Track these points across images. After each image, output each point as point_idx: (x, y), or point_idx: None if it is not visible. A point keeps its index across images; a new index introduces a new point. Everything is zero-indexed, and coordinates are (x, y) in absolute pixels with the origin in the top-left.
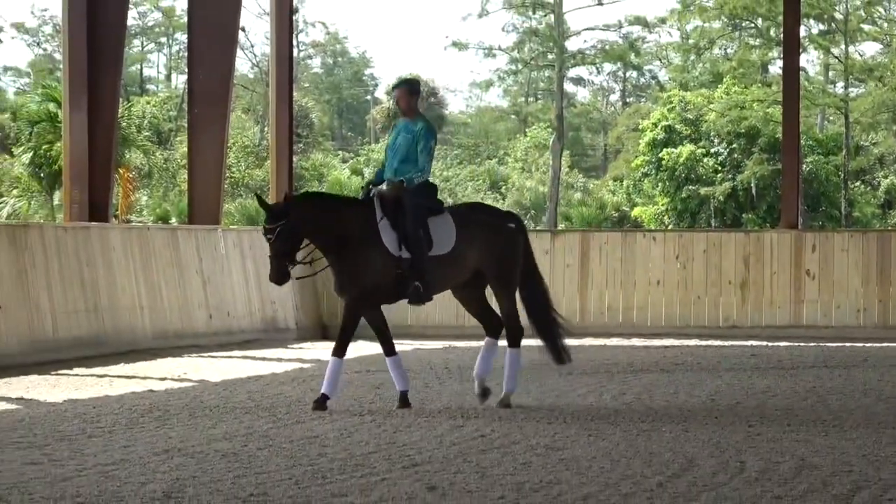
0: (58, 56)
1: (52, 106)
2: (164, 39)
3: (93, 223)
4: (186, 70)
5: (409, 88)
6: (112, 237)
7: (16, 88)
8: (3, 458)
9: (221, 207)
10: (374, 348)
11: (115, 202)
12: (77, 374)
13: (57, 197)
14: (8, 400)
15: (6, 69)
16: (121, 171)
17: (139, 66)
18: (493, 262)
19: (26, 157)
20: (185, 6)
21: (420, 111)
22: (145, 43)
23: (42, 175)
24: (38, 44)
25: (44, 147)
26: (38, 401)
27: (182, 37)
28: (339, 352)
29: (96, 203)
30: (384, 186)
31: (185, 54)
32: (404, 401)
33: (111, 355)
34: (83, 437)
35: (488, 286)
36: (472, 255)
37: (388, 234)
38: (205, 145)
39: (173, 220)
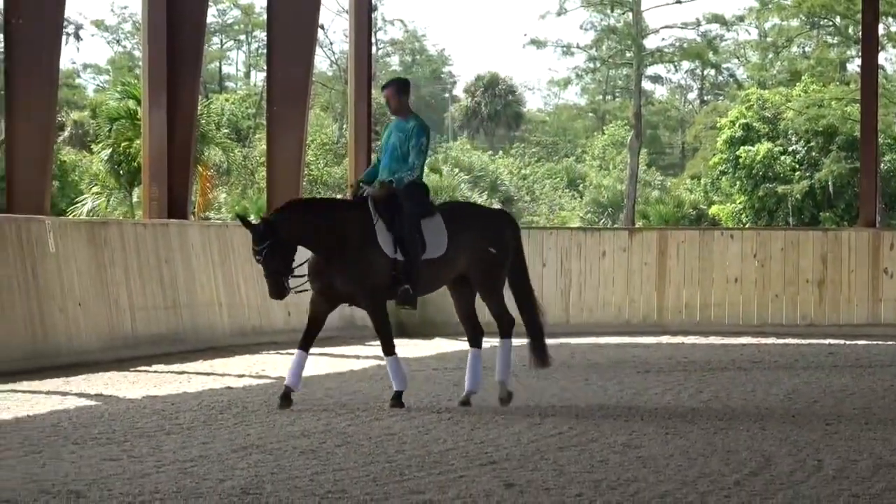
0: (137, 53)
1: (131, 103)
2: (243, 37)
3: (172, 220)
4: (265, 68)
5: (398, 87)
6: (191, 234)
7: (95, 86)
8: (82, 454)
9: None
10: (452, 345)
11: (193, 199)
12: (156, 371)
13: (136, 194)
14: (87, 396)
15: (86, 66)
16: (199, 168)
17: (218, 64)
18: (480, 268)
19: (105, 154)
20: (265, 4)
21: (412, 109)
22: (224, 40)
23: (121, 172)
24: (117, 41)
25: (123, 144)
26: (116, 397)
27: (261, 34)
28: (391, 349)
29: (175, 200)
30: (374, 186)
31: (265, 52)
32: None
33: (190, 352)
34: (162, 433)
35: None
36: (461, 259)
37: (384, 236)
38: (283, 143)
39: (252, 217)
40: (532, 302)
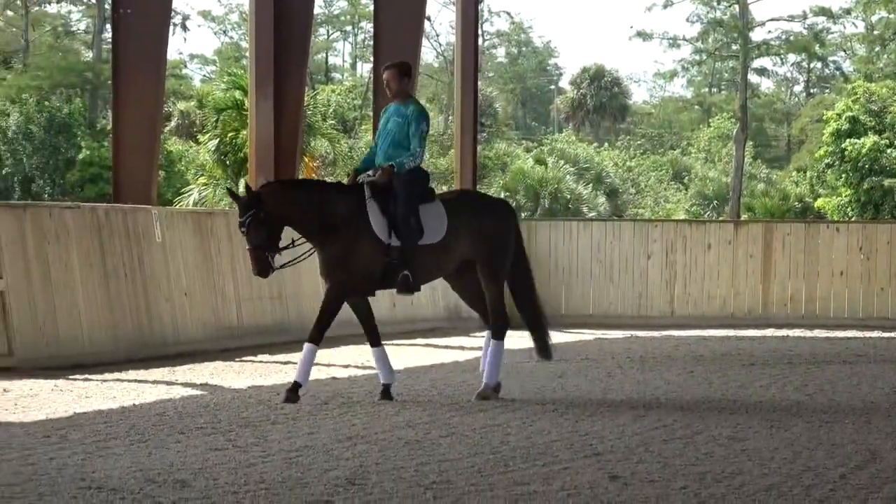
0: (244, 44)
1: (238, 94)
2: (349, 28)
3: None
4: (372, 59)
5: (400, 70)
6: None
7: (202, 76)
8: (188, 443)
9: None
10: (556, 338)
11: None
12: (261, 361)
13: (242, 184)
14: (192, 386)
15: (193, 57)
16: (306, 158)
17: (324, 55)
18: (482, 253)
19: (212, 145)
20: None
21: (411, 94)
22: (331, 31)
23: (227, 163)
24: (224, 32)
25: (229, 135)
26: (222, 387)
27: (368, 26)
28: (317, 338)
29: None
30: (371, 173)
31: (371, 43)
32: (386, 393)
33: (294, 342)
34: (267, 423)
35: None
36: (462, 245)
37: (378, 219)
38: None
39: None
40: (533, 294)
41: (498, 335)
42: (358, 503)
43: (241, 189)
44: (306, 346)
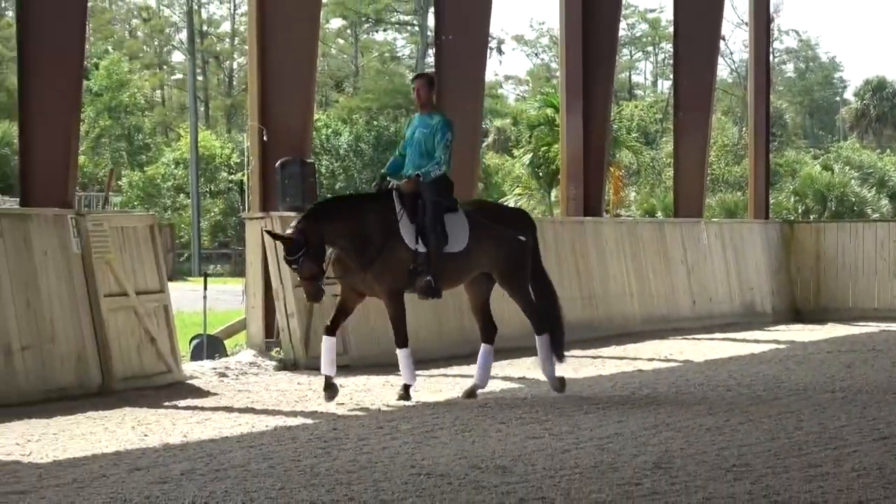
0: (554, 65)
1: (549, 111)
2: (650, 48)
3: (587, 217)
4: (672, 77)
5: (428, 81)
6: (605, 230)
7: (516, 95)
8: (508, 432)
9: (703, 202)
10: (845, 330)
11: (606, 198)
12: (573, 356)
13: (554, 194)
14: (511, 380)
15: (507, 78)
16: (612, 169)
17: (628, 73)
18: (502, 263)
19: (526, 158)
20: (671, 18)
21: (435, 104)
22: (633, 52)
23: (540, 174)
24: (535, 54)
25: (542, 149)
26: (538, 380)
27: (667, 46)
28: (404, 342)
29: (590, 199)
30: (400, 181)
31: (671, 62)
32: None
33: (603, 338)
34: (580, 413)
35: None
36: (482, 255)
37: (407, 227)
38: (688, 146)
39: (659, 213)
40: (553, 299)
41: (542, 329)
42: (664, 485)
43: (289, 230)
44: (400, 351)
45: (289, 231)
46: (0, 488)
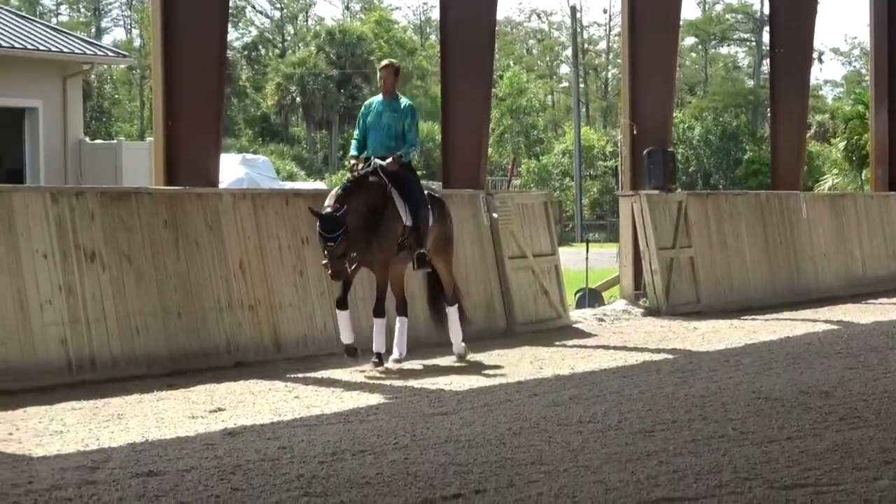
0: (864, 71)
1: (860, 108)
2: None
3: (892, 192)
4: None
5: (396, 70)
6: None
7: (833, 96)
8: (829, 364)
9: None
10: None
11: None
12: (881, 303)
13: (864, 174)
14: (831, 322)
15: (825, 82)
16: None
17: None
18: (448, 232)
19: (841, 146)
20: None
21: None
22: None
23: (853, 158)
24: (849, 62)
25: (854, 138)
26: (853, 322)
27: None
28: (381, 312)
29: (894, 177)
30: (380, 161)
31: None
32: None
33: None
34: (887, 349)
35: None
36: (437, 227)
37: (399, 203)
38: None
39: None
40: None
41: (452, 302)
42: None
43: (327, 209)
44: (375, 320)
45: (327, 209)
46: (429, 410)
